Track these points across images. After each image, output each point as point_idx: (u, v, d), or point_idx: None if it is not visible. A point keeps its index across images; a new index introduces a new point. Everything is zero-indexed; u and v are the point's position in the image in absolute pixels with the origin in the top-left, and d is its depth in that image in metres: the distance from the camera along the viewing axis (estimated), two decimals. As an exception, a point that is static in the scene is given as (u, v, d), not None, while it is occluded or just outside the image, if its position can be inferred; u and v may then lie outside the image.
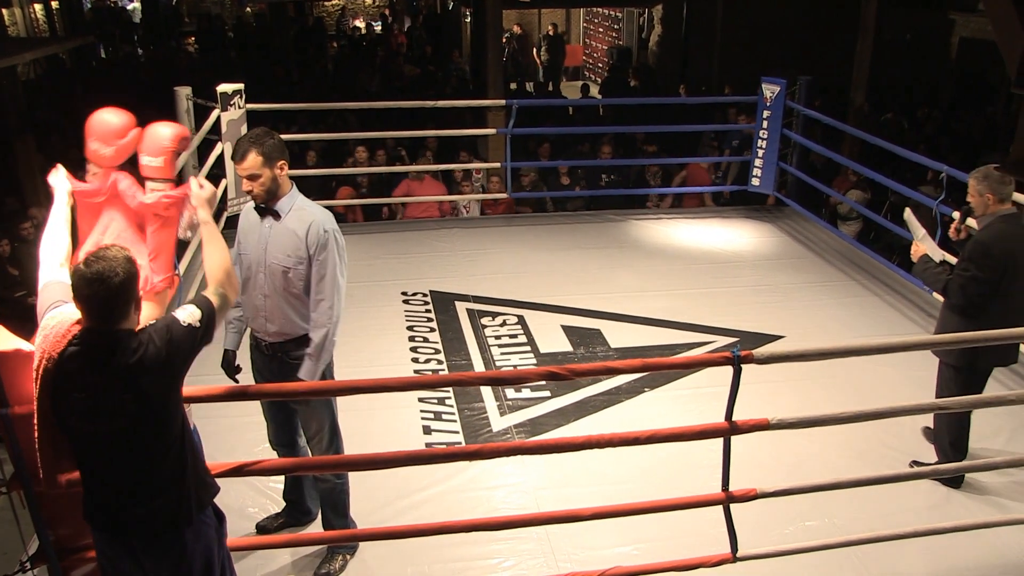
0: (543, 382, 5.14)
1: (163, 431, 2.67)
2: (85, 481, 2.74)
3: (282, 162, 3.54)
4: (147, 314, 3.04)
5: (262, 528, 4.09)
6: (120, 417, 2.59)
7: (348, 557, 3.92)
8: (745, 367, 3.20)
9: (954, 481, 4.47)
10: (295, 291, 3.60)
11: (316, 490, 4.01)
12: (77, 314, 2.64)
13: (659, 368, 5.07)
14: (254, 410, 4.04)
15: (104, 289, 2.53)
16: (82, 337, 2.60)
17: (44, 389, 2.61)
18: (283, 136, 3.71)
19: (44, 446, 2.73)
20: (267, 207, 3.59)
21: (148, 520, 2.71)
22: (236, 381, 3.75)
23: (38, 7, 17.39)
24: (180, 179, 6.61)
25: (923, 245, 4.51)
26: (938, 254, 4.51)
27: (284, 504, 4.17)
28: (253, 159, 3.47)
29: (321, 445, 3.81)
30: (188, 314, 2.69)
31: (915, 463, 4.64)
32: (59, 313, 2.72)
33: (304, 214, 3.58)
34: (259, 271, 3.62)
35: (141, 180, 3.41)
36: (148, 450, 2.66)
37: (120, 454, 2.65)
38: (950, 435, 4.47)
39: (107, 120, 3.38)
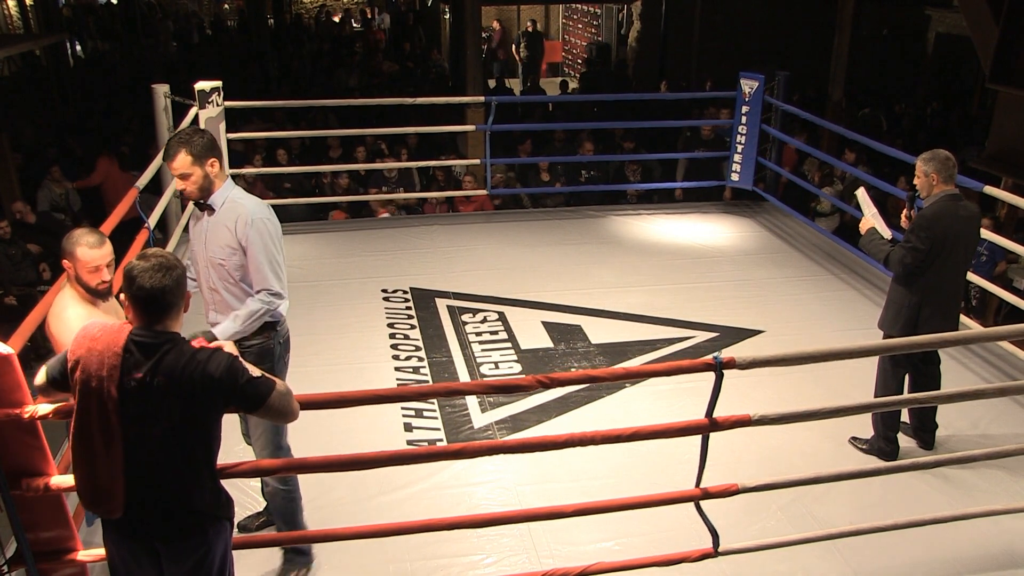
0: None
1: (201, 438, 2.69)
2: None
3: (212, 160, 3.51)
4: None
5: (243, 527, 4.07)
6: (164, 420, 2.59)
7: (304, 572, 3.87)
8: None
9: (889, 455, 4.71)
10: (233, 281, 3.60)
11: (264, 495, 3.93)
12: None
13: (642, 375, 5.09)
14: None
15: (168, 279, 2.56)
16: (144, 338, 2.58)
17: (106, 393, 2.55)
18: (261, 134, 3.70)
19: (89, 450, 2.62)
20: (203, 203, 3.58)
21: (181, 522, 2.71)
22: None
23: (11, 3, 17.20)
24: (158, 187, 6.61)
25: (873, 221, 4.75)
26: (887, 232, 4.72)
27: (265, 503, 4.15)
28: (183, 159, 3.45)
29: (260, 443, 3.74)
30: (250, 366, 2.72)
31: (853, 439, 4.86)
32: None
33: (236, 206, 3.55)
34: (203, 266, 3.64)
35: None
36: (186, 454, 2.67)
37: (161, 458, 2.63)
38: (882, 416, 4.73)
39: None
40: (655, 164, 10.06)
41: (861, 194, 4.93)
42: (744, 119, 8.48)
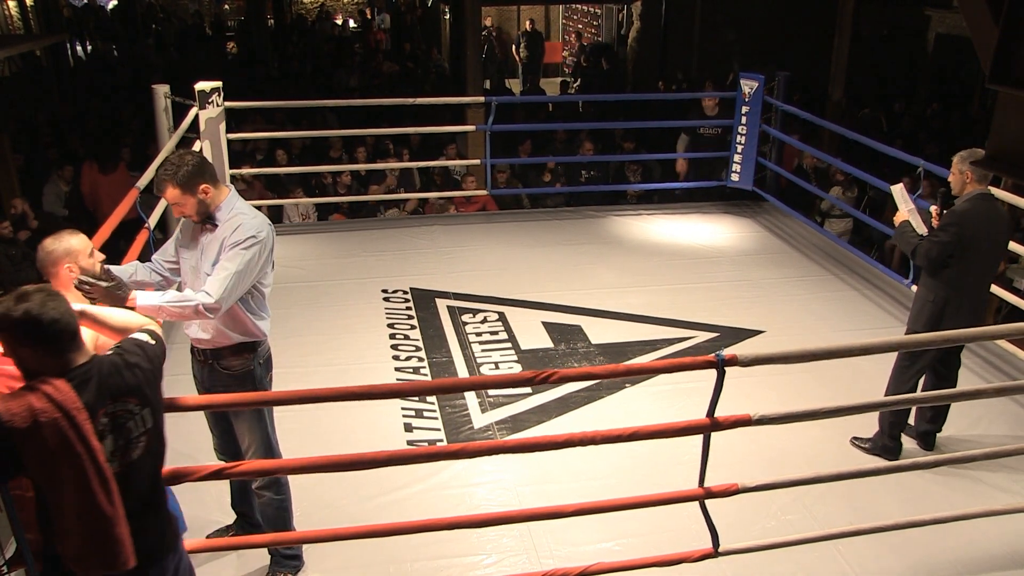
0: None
1: (162, 436, 2.65)
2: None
3: (203, 186, 3.43)
4: None
5: None
6: (142, 439, 2.54)
7: None
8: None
9: (893, 452, 4.75)
10: None
11: (256, 505, 3.91)
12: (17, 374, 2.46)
13: (643, 373, 5.09)
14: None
15: (64, 302, 2.41)
16: (80, 375, 2.41)
17: (91, 449, 2.39)
18: (262, 134, 3.66)
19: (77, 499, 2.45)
20: (205, 220, 3.52)
21: (168, 535, 2.69)
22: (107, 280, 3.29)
23: (12, 4, 17.20)
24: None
25: (909, 216, 4.77)
26: (923, 228, 4.72)
27: (235, 516, 4.07)
28: (171, 192, 3.42)
29: (251, 451, 3.71)
30: (142, 334, 2.67)
31: (855, 439, 4.87)
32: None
33: (235, 221, 3.48)
34: (196, 279, 3.56)
35: None
36: (160, 462, 2.64)
37: (148, 478, 2.59)
38: (891, 412, 4.74)
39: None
40: (655, 164, 10.05)
41: (900, 190, 4.92)
42: (744, 119, 8.48)
